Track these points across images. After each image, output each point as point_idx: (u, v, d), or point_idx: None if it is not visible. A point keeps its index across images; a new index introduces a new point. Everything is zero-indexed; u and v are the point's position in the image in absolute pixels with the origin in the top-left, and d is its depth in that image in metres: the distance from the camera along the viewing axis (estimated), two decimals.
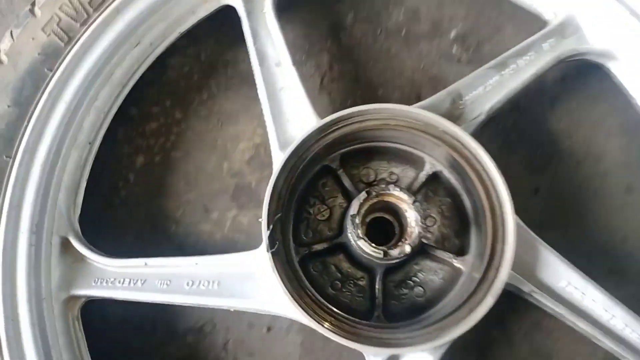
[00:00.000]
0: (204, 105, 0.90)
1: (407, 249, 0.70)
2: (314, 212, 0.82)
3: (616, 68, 0.83)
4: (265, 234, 0.70)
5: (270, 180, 0.73)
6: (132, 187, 0.87)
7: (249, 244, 0.74)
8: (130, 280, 0.75)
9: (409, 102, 0.77)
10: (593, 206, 0.86)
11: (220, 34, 0.90)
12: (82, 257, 0.76)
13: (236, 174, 0.88)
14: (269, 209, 0.71)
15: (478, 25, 0.89)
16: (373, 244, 0.71)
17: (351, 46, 0.92)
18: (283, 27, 0.80)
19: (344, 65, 0.91)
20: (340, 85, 0.91)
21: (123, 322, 0.83)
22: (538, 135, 0.89)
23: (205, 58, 0.89)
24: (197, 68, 0.90)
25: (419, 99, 0.87)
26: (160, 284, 0.74)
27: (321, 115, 0.77)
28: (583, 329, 0.72)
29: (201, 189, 0.87)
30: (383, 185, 0.75)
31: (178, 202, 0.87)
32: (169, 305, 0.76)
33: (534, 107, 0.90)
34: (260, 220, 0.71)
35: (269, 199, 0.72)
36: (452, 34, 0.92)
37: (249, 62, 0.80)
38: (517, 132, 0.89)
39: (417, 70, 0.91)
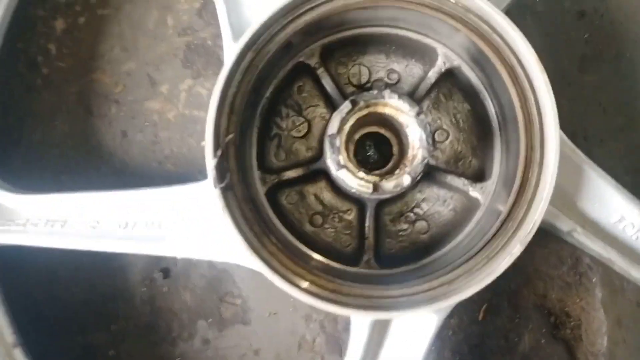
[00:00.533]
0: None
1: (406, 180, 0.52)
2: (287, 127, 0.62)
3: None
4: (210, 163, 0.51)
5: (216, 85, 0.52)
6: (55, 61, 0.68)
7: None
8: (47, 221, 0.58)
9: None
10: None
11: None
12: None
13: (185, 30, 0.68)
14: (215, 128, 0.52)
15: None
16: (360, 175, 0.52)
17: None
18: None
19: None
20: None
21: (50, 270, 0.67)
22: None
23: None
24: None
25: None
26: (85, 226, 0.57)
27: None
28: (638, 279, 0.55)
29: (143, 54, 0.68)
30: (376, 91, 0.54)
31: (115, 75, 0.68)
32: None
33: None
34: (202, 144, 0.52)
35: (214, 113, 0.52)
36: None
37: None
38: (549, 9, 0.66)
39: None
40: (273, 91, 0.61)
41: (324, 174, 0.61)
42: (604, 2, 0.67)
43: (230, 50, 0.54)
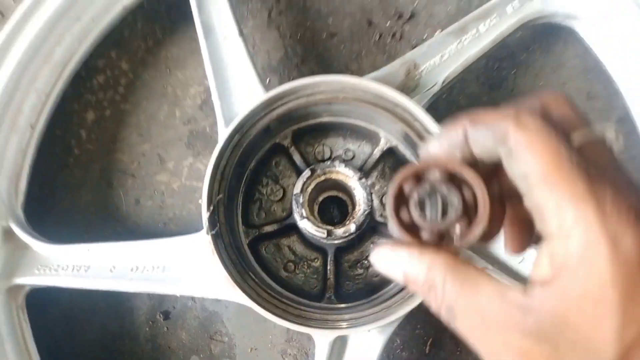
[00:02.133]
0: (150, 52, 0.88)
1: (352, 227, 0.67)
2: (266, 193, 0.79)
3: (580, 27, 0.78)
4: (204, 215, 0.67)
5: (211, 159, 0.69)
6: (85, 144, 0.85)
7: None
8: (74, 266, 0.73)
9: (360, 31, 0.75)
10: None
11: None
12: (24, 245, 0.74)
13: (189, 120, 0.86)
14: (209, 190, 0.68)
15: None
16: (317, 224, 0.68)
17: None
18: None
19: None
20: (289, 18, 0.88)
21: (70, 311, 0.80)
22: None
23: (148, 4, 0.85)
24: (140, 14, 0.87)
25: (370, 24, 0.86)
26: (104, 270, 0.72)
27: (270, 51, 0.78)
28: None
29: (155, 139, 0.85)
30: (329, 162, 0.71)
31: (132, 155, 0.85)
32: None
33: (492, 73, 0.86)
34: (200, 201, 0.68)
35: (209, 179, 0.68)
36: None
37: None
38: (472, 100, 0.85)
39: None
40: (255, 165, 0.78)
41: (295, 229, 0.77)
42: (514, 95, 0.86)
43: (222, 133, 0.72)
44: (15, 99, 0.75)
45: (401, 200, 0.38)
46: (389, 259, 0.39)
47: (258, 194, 0.79)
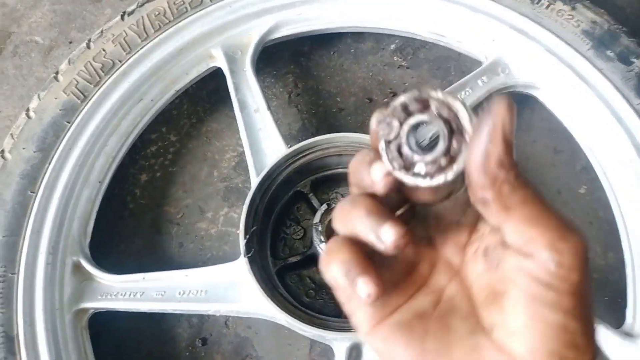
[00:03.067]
0: (194, 127, 1.08)
1: None
2: (290, 232, 0.95)
3: (541, 95, 0.98)
4: (242, 242, 0.83)
5: (246, 200, 0.86)
6: (138, 200, 1.03)
7: (239, 237, 0.85)
8: (130, 292, 0.87)
9: (363, 106, 0.97)
10: (527, 167, 1.01)
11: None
12: (90, 276, 0.89)
13: (225, 178, 1.04)
14: (245, 222, 0.84)
15: (412, 39, 1.08)
16: None
17: (311, 67, 1.12)
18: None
19: (306, 82, 1.11)
20: (305, 99, 1.10)
21: (120, 338, 0.93)
22: None
23: (192, 91, 1.06)
24: (186, 99, 1.09)
25: (370, 100, 1.08)
26: (156, 294, 0.86)
27: (291, 123, 1.01)
28: None
29: (196, 194, 1.03)
30: None
31: (178, 207, 1.02)
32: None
33: None
34: (238, 232, 0.84)
35: (245, 215, 0.85)
36: (392, 47, 1.13)
37: (227, 90, 0.99)
38: None
39: (367, 79, 1.11)
40: (280, 209, 0.95)
41: (315, 262, 0.92)
42: None
43: (254, 181, 0.90)
44: (90, 159, 0.94)
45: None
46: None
47: (283, 234, 0.95)
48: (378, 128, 0.36)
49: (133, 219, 1.01)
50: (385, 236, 0.35)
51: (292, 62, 1.12)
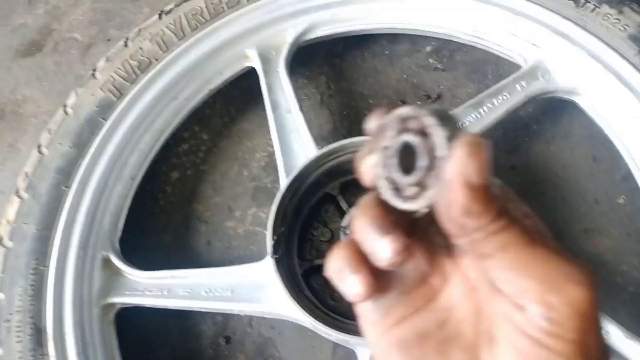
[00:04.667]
0: (226, 126, 1.09)
1: None
2: (317, 234, 0.94)
3: (582, 101, 0.94)
4: (269, 243, 0.82)
5: (275, 200, 0.86)
6: (169, 197, 1.04)
7: (266, 237, 0.85)
8: (157, 289, 0.87)
9: (396, 107, 0.91)
10: (565, 175, 0.98)
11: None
12: (119, 271, 0.90)
13: (254, 178, 1.04)
14: (274, 224, 0.84)
15: (449, 41, 1.05)
16: None
17: (344, 68, 1.11)
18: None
19: (339, 83, 1.09)
20: (338, 100, 1.08)
21: (146, 334, 0.94)
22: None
23: (225, 90, 1.06)
24: (219, 98, 1.09)
25: (403, 103, 1.05)
26: (183, 292, 0.87)
27: (322, 124, 1.01)
28: None
29: (226, 193, 1.03)
30: None
31: (207, 205, 1.02)
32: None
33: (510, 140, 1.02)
34: (266, 232, 0.83)
35: (274, 215, 0.84)
36: (428, 48, 1.10)
37: (260, 90, 0.98)
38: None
39: (400, 81, 1.09)
40: (308, 211, 0.94)
41: None
42: (529, 158, 1.01)
43: (284, 182, 0.89)
44: (123, 156, 0.95)
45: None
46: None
47: (310, 235, 0.94)
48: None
49: (163, 216, 1.02)
50: (381, 251, 0.33)
51: (326, 62, 1.12)
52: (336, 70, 1.11)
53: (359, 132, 1.05)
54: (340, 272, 0.36)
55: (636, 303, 0.89)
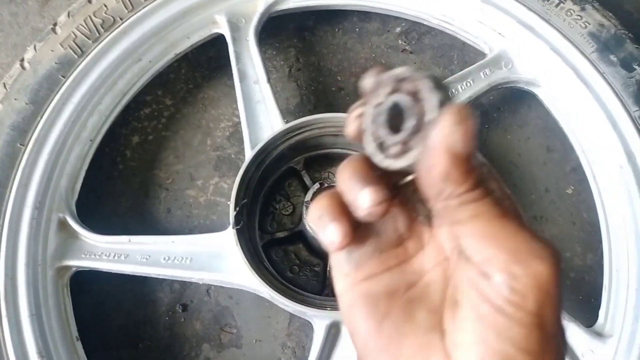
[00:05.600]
0: (190, 93, 1.07)
1: None
2: (279, 208, 0.95)
3: (540, 93, 0.98)
4: (232, 214, 0.82)
5: (239, 171, 0.86)
6: (129, 161, 1.02)
7: (228, 208, 0.85)
8: (115, 254, 0.86)
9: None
10: (519, 163, 1.02)
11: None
12: (75, 234, 0.88)
13: (218, 147, 1.03)
14: (237, 195, 0.84)
15: (419, 23, 1.07)
16: None
17: (314, 42, 1.11)
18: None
19: (308, 58, 1.09)
20: (306, 74, 1.08)
21: (100, 299, 0.93)
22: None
23: (192, 56, 1.04)
24: (184, 63, 1.07)
25: None
26: (141, 258, 0.86)
27: (289, 98, 1.00)
28: None
29: (188, 161, 1.02)
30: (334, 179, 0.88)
31: (168, 172, 1.01)
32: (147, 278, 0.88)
33: None
34: (229, 203, 0.84)
35: (237, 187, 0.84)
36: (398, 29, 1.11)
37: (228, 58, 0.97)
38: None
39: (369, 60, 1.10)
40: (271, 184, 0.94)
41: (301, 238, 0.92)
42: (486, 145, 1.04)
43: (249, 154, 0.89)
44: (83, 116, 0.93)
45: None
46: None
47: (272, 208, 0.95)
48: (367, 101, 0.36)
49: (122, 181, 1.01)
50: (361, 200, 0.35)
51: (296, 35, 1.11)
52: (306, 44, 1.11)
53: (326, 108, 1.06)
54: (320, 219, 0.37)
55: (576, 288, 0.95)
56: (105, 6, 0.95)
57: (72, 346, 0.82)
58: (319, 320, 0.81)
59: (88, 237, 0.88)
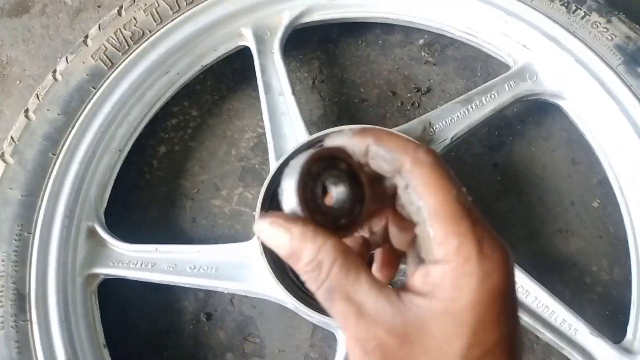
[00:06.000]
0: (216, 104, 1.08)
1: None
2: None
3: (565, 105, 0.97)
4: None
5: (264, 182, 0.87)
6: (155, 171, 1.04)
7: (252, 218, 0.86)
8: (142, 262, 0.88)
9: (386, 98, 1.01)
10: (544, 176, 1.02)
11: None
12: (104, 242, 0.90)
13: (242, 158, 1.04)
14: (262, 205, 0.85)
15: (442, 35, 1.07)
16: None
17: (337, 54, 1.12)
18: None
19: (331, 70, 1.10)
20: (329, 86, 1.10)
21: (126, 307, 0.95)
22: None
23: (217, 68, 1.06)
24: (210, 75, 1.09)
25: (394, 94, 1.08)
26: (167, 266, 0.87)
27: (312, 110, 1.02)
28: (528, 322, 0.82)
29: (213, 171, 1.03)
30: None
31: (193, 182, 1.03)
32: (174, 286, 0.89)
33: (493, 138, 1.05)
34: (254, 213, 0.85)
35: (262, 197, 0.85)
36: (421, 41, 1.12)
37: (253, 70, 0.98)
38: (476, 159, 1.03)
39: (392, 72, 1.10)
40: None
41: None
42: (510, 157, 1.04)
43: (273, 165, 0.90)
44: (112, 127, 0.95)
45: (307, 178, 0.38)
46: (278, 232, 0.38)
47: None
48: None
49: (149, 190, 1.02)
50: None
51: (319, 47, 1.12)
52: (329, 56, 1.12)
53: (349, 120, 1.07)
54: None
55: (602, 303, 0.94)
56: (135, 19, 0.98)
57: (99, 353, 0.84)
58: (342, 331, 0.81)
59: (116, 245, 0.89)
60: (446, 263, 0.36)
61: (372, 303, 0.37)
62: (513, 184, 1.01)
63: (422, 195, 0.37)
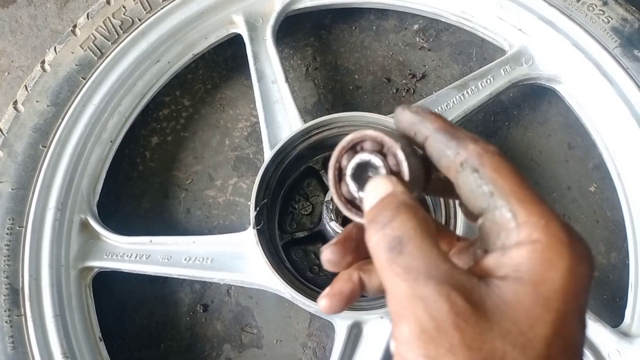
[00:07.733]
0: (208, 93, 1.07)
1: None
2: (298, 207, 0.95)
3: (561, 89, 0.96)
4: (252, 214, 0.82)
5: (259, 172, 0.86)
6: (148, 162, 1.02)
7: (247, 208, 0.85)
8: (136, 255, 0.87)
9: (380, 85, 0.98)
10: (540, 161, 1.01)
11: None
12: (97, 235, 0.89)
13: (236, 147, 1.03)
14: (257, 195, 0.84)
15: (437, 20, 1.06)
16: (342, 226, 0.83)
17: (330, 41, 1.10)
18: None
19: (325, 56, 1.09)
20: (323, 73, 1.08)
21: (122, 299, 0.94)
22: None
23: (209, 56, 1.05)
24: (202, 63, 1.07)
25: (389, 80, 1.06)
26: (162, 258, 0.86)
27: (306, 97, 0.99)
28: None
29: (207, 161, 1.02)
30: None
31: (187, 173, 1.02)
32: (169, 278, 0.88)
33: (489, 124, 1.04)
34: (249, 203, 0.84)
35: (257, 187, 0.84)
36: (415, 27, 1.10)
37: (245, 58, 0.97)
38: None
39: (386, 58, 1.09)
40: (291, 183, 0.94)
41: (321, 238, 0.92)
42: (507, 143, 1.03)
43: (268, 154, 0.89)
44: (103, 118, 0.93)
45: (340, 174, 0.40)
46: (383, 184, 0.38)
47: (291, 208, 0.95)
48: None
49: (142, 181, 1.01)
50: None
51: (312, 34, 1.11)
52: (323, 42, 1.10)
53: (344, 107, 1.05)
54: None
55: (600, 288, 0.94)
56: (124, 7, 0.96)
57: (95, 347, 0.83)
58: (340, 320, 0.80)
59: (110, 237, 0.88)
60: (532, 243, 0.34)
61: (448, 270, 0.33)
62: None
63: (496, 180, 0.36)
